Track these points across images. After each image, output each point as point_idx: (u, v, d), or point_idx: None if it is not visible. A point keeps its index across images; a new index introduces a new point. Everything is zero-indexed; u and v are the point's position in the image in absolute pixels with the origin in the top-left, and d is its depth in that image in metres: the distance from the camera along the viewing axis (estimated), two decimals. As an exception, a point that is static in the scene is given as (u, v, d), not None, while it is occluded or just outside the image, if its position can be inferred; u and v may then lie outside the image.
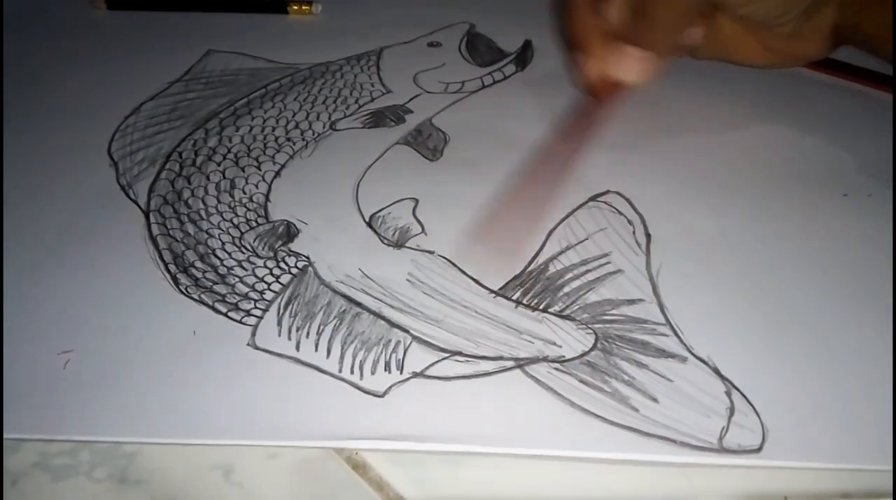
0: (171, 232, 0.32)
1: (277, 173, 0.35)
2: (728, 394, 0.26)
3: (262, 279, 0.30)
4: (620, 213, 0.33)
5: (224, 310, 0.29)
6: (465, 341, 0.27)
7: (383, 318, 0.28)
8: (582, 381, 0.26)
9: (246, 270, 0.30)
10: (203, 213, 0.33)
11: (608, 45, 0.34)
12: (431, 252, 0.31)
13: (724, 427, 0.25)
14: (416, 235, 0.32)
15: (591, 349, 0.27)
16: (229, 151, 0.36)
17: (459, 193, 0.34)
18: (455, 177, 0.35)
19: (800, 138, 0.37)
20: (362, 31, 0.45)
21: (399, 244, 0.31)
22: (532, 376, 0.26)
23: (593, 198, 0.33)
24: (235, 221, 0.33)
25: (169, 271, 0.30)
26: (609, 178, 0.34)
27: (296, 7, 0.48)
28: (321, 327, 0.28)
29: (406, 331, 0.28)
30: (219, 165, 0.36)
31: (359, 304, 0.29)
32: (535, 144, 0.36)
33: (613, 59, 0.33)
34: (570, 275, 0.30)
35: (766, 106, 0.39)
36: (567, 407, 0.25)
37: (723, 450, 0.24)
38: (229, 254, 0.31)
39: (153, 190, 0.34)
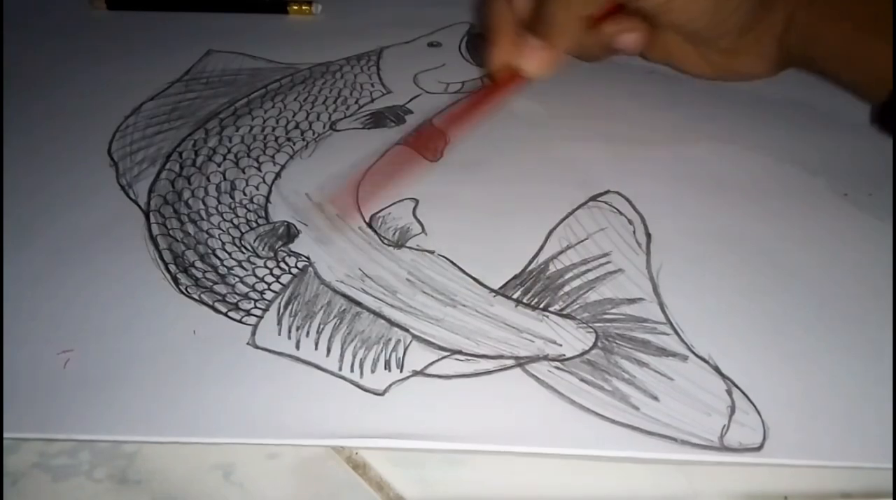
0: (171, 232, 0.32)
1: (278, 174, 0.35)
2: (729, 392, 0.26)
3: (262, 279, 0.30)
4: (620, 213, 0.33)
5: (224, 310, 0.29)
6: (466, 340, 0.27)
7: (383, 317, 0.28)
8: (582, 379, 0.26)
9: (246, 270, 0.30)
10: (203, 213, 0.33)
11: (515, 36, 0.35)
12: (432, 252, 0.31)
13: (724, 426, 0.25)
14: (417, 235, 0.32)
15: (592, 348, 0.27)
16: (229, 152, 0.36)
17: (459, 193, 0.34)
18: (455, 177, 0.35)
19: (800, 138, 0.37)
20: (362, 31, 0.45)
21: (399, 244, 0.31)
22: (532, 375, 0.26)
23: (593, 198, 0.33)
24: (236, 221, 0.33)
25: (169, 270, 0.30)
26: (609, 178, 0.34)
27: (296, 7, 0.48)
28: (321, 326, 0.28)
29: (406, 330, 0.28)
30: (219, 165, 0.36)
31: (359, 303, 0.29)
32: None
33: (517, 50, 0.35)
34: (570, 274, 0.30)
35: (767, 105, 0.39)
36: (567, 406, 0.25)
37: (724, 448, 0.24)
38: (229, 254, 0.31)
39: (153, 190, 0.34)
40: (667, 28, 0.37)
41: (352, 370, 0.27)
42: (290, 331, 0.28)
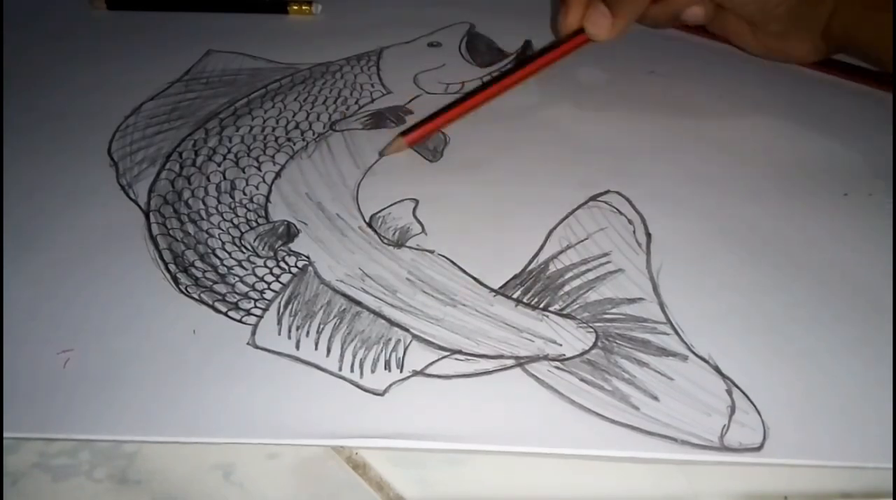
0: (171, 232, 0.32)
1: (278, 174, 0.35)
2: (729, 392, 0.26)
3: (262, 279, 0.30)
4: (620, 212, 0.33)
5: (224, 309, 0.29)
6: (466, 340, 0.27)
7: (383, 316, 0.28)
8: (582, 379, 0.26)
9: (246, 269, 0.30)
10: (203, 213, 0.33)
11: (586, 0, 0.39)
12: (431, 251, 0.31)
13: (724, 425, 0.25)
14: (417, 234, 0.32)
15: (592, 348, 0.27)
16: (229, 151, 0.36)
17: (460, 193, 0.34)
18: (455, 177, 0.35)
19: (800, 138, 0.37)
20: (362, 31, 0.45)
21: (399, 244, 0.31)
22: (532, 375, 0.26)
23: (593, 198, 0.33)
24: (235, 221, 0.33)
25: (169, 270, 0.30)
26: (609, 178, 0.34)
27: (296, 7, 0.48)
28: (321, 326, 0.28)
29: (406, 330, 0.28)
30: (219, 165, 0.36)
31: (359, 303, 0.29)
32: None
33: (587, 14, 0.38)
34: (570, 274, 0.30)
35: (767, 106, 0.39)
36: (567, 406, 0.25)
37: (724, 448, 0.24)
38: (229, 254, 0.31)
39: (153, 190, 0.34)
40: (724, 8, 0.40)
41: (352, 370, 0.26)
42: (290, 331, 0.28)
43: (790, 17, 0.38)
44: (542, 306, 0.29)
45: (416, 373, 0.26)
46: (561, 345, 0.27)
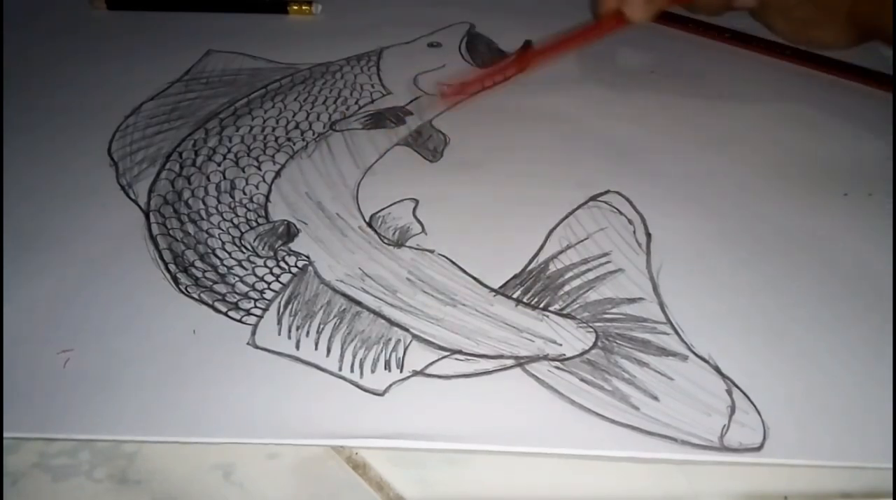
0: (171, 232, 0.32)
1: (277, 173, 0.35)
2: (729, 392, 0.26)
3: (262, 278, 0.30)
4: (620, 212, 0.33)
5: (224, 309, 0.29)
6: (466, 340, 0.27)
7: (383, 316, 0.28)
8: (582, 379, 0.26)
9: (246, 269, 0.30)
10: (203, 213, 0.33)
11: None
12: (431, 251, 0.31)
13: (724, 425, 0.25)
14: (417, 234, 0.32)
15: (592, 348, 0.27)
16: (229, 151, 0.36)
17: (460, 193, 0.34)
18: (455, 177, 0.35)
19: (800, 138, 0.37)
20: (362, 32, 0.45)
21: (399, 244, 0.31)
22: (532, 375, 0.26)
23: (593, 198, 0.33)
24: (235, 221, 0.33)
25: (169, 270, 0.30)
26: (609, 178, 0.34)
27: (296, 7, 0.48)
28: (321, 326, 0.28)
29: (406, 329, 0.28)
30: (219, 165, 0.36)
31: (359, 302, 0.29)
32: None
33: None
34: (570, 274, 0.30)
35: (767, 106, 0.39)
36: (567, 406, 0.25)
37: (724, 448, 0.24)
38: (229, 253, 0.31)
39: (153, 190, 0.34)
40: None
41: (352, 370, 0.26)
42: (290, 331, 0.28)
43: (815, 4, 0.39)
44: (542, 305, 0.29)
45: (416, 373, 0.26)
46: (561, 345, 0.27)
